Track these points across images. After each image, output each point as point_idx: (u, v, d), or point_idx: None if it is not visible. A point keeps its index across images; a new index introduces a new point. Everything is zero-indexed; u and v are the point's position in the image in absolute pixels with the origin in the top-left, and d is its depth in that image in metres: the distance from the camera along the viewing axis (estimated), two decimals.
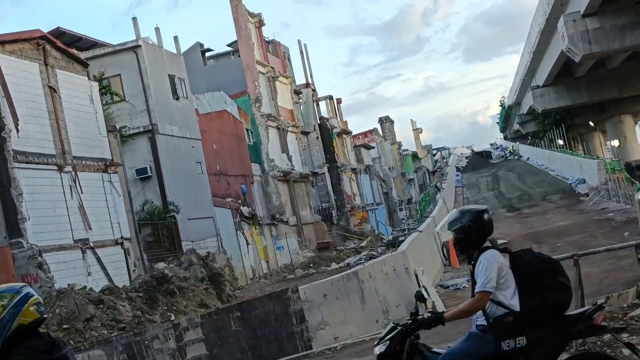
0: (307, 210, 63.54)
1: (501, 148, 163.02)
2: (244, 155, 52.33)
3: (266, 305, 18.71)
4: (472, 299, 7.12)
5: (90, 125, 32.97)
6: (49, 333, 4.89)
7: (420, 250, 27.95)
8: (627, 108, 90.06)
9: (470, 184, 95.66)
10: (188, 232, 40.21)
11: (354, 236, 67.78)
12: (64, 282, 26.10)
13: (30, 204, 27.39)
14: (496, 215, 60.10)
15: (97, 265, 30.78)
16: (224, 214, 45.63)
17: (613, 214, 43.45)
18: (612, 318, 11.64)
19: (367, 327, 20.01)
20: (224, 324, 18.09)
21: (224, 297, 31.52)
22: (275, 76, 62.11)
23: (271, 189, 55.60)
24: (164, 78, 42.69)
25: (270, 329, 18.52)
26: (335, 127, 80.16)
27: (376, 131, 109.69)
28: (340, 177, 75.43)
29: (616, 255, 25.80)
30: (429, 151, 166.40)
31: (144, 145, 40.64)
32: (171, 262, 33.84)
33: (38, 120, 29.28)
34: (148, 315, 24.98)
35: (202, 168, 44.51)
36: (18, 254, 25.78)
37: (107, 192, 33.00)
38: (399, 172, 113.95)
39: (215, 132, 48.09)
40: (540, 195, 65.54)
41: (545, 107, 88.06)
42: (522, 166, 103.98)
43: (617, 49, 60.43)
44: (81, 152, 31.68)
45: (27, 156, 28.14)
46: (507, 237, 43.56)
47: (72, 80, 32.22)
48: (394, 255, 23.53)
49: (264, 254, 50.64)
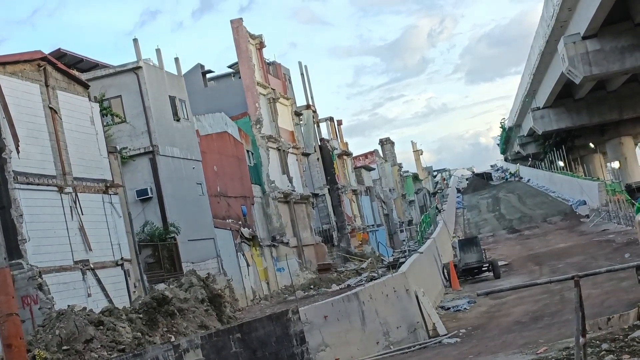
0: (307, 231, 63.47)
1: (501, 170, 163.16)
2: (245, 177, 52.35)
3: (266, 327, 18.63)
4: None
5: (91, 146, 33.00)
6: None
7: (421, 272, 27.91)
8: (627, 130, 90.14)
9: (471, 205, 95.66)
10: (188, 253, 40.16)
11: (354, 257, 67.68)
12: (63, 303, 26.02)
13: (30, 225, 27.37)
14: (496, 237, 60.10)
15: (97, 287, 30.73)
16: (224, 235, 45.59)
17: (614, 235, 43.44)
18: (613, 339, 11.61)
19: (367, 349, 19.97)
20: (224, 345, 18.02)
21: (224, 318, 31.42)
22: (276, 97, 62.24)
23: (272, 210, 55.58)
24: (165, 99, 42.78)
25: (271, 350, 18.44)
26: (336, 148, 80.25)
27: (377, 152, 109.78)
28: (341, 198, 75.41)
29: (617, 277, 25.78)
30: (429, 173, 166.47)
31: (145, 166, 40.66)
32: (171, 283, 33.78)
33: (39, 141, 29.31)
34: (148, 337, 24.89)
35: (203, 189, 44.52)
36: (18, 275, 25.73)
37: (107, 213, 32.98)
38: (399, 194, 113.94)
39: (216, 154, 48.13)
40: (541, 217, 65.53)
41: (545, 129, 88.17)
42: (522, 188, 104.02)
43: (617, 70, 60.55)
44: (82, 173, 31.69)
45: (28, 177, 28.15)
46: (507, 258, 43.55)
47: (72, 101, 32.29)
48: (394, 277, 23.49)
49: (264, 275, 50.55)
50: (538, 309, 24.52)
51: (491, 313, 26.04)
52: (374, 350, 20.02)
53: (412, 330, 21.33)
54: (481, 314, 26.30)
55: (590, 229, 50.84)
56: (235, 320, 29.76)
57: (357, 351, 19.68)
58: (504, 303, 27.44)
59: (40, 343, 21.99)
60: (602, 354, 11.03)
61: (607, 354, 10.89)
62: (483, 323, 24.05)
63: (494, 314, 25.75)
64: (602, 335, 12.26)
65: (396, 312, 21.41)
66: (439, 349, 19.35)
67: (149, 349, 17.95)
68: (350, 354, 19.48)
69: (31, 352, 18.80)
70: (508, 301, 27.51)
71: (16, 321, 12.39)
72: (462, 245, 38.90)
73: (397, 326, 21.06)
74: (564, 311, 22.15)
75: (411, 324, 21.47)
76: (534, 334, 17.40)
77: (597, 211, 56.75)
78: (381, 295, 21.41)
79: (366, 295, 20.92)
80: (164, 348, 17.38)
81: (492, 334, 20.91)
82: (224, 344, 18.10)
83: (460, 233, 61.68)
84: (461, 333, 21.95)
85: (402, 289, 22.21)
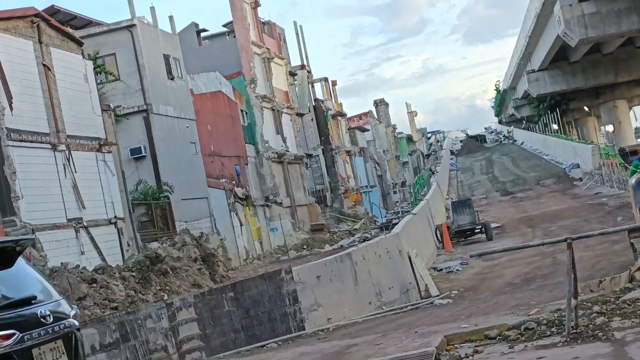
0: (301, 192, 63.53)
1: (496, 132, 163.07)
2: (239, 136, 52.25)
3: (259, 286, 18.71)
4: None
5: (85, 104, 32.86)
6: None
7: (414, 233, 27.97)
8: (622, 93, 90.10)
9: (465, 167, 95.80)
10: (182, 212, 40.18)
11: (347, 218, 67.83)
12: (57, 260, 26.06)
13: (23, 182, 27.32)
14: (490, 199, 60.23)
15: (90, 245, 30.76)
16: (217, 194, 45.59)
17: (606, 198, 43.57)
18: (605, 302, 11.66)
19: (360, 309, 20.04)
20: (217, 304, 18.10)
21: (217, 277, 31.52)
22: (271, 57, 61.95)
23: (265, 170, 55.57)
24: (159, 58, 42.53)
25: (264, 309, 18.53)
26: (330, 109, 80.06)
27: (371, 114, 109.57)
28: (335, 159, 75.38)
29: (609, 240, 25.88)
30: (423, 134, 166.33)
31: (138, 125, 40.52)
32: (164, 242, 33.83)
33: (32, 98, 29.16)
34: (141, 295, 24.98)
35: (197, 149, 44.43)
36: (11, 232, 25.71)
37: (100, 172, 32.93)
38: (393, 155, 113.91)
39: (210, 113, 47.97)
40: (534, 180, 65.67)
41: (540, 92, 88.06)
42: (516, 150, 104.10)
43: (613, 33, 60.40)
44: (75, 131, 31.57)
45: (21, 134, 28.05)
46: (500, 220, 43.67)
47: (66, 58, 32.08)
48: (387, 238, 23.54)
49: (257, 235, 50.65)
50: (530, 271, 24.62)
51: (483, 275, 26.14)
52: (366, 311, 20.10)
53: (404, 291, 21.40)
54: (473, 275, 26.40)
55: (583, 192, 50.97)
56: (228, 280, 29.85)
57: (350, 311, 19.75)
58: (496, 265, 27.55)
59: None
60: (593, 316, 11.07)
61: (598, 316, 10.94)
62: (475, 284, 24.14)
63: (486, 275, 25.86)
64: (593, 298, 12.32)
65: (389, 273, 21.46)
66: (431, 310, 19.43)
67: (142, 307, 18.02)
68: (343, 314, 19.55)
69: None
70: (500, 263, 27.62)
71: None
72: (455, 207, 38.96)
73: (390, 287, 21.13)
74: (556, 274, 22.24)
75: (403, 285, 21.54)
76: (525, 296, 17.47)
77: (591, 174, 56.88)
78: (374, 256, 21.45)
79: (359, 255, 20.96)
80: (157, 306, 17.46)
81: (484, 295, 21.00)
82: (217, 302, 18.18)
83: (453, 195, 61.73)
84: (453, 294, 22.04)
85: (395, 250, 22.26)
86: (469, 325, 12.28)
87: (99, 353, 15.67)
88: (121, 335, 16.15)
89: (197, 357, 17.07)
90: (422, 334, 12.14)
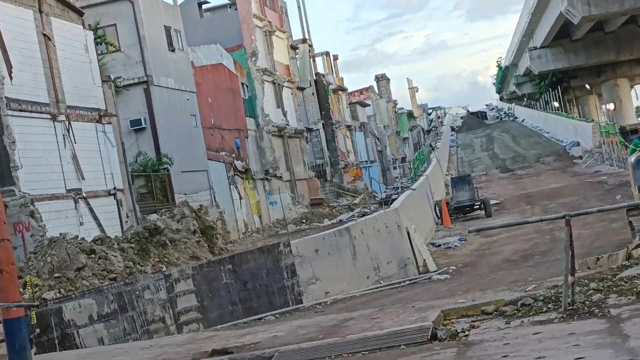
0: (300, 166, 63.51)
1: (496, 109, 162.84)
2: (239, 110, 52.14)
3: (258, 259, 18.74)
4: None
5: (85, 74, 32.75)
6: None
7: (413, 208, 27.99)
8: (624, 72, 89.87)
9: (465, 144, 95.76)
10: (181, 184, 40.17)
11: (347, 193, 67.85)
12: (55, 231, 26.07)
13: (23, 152, 27.27)
14: (489, 176, 60.23)
15: (89, 215, 30.76)
16: (217, 167, 45.57)
17: (606, 177, 43.60)
18: (601, 279, 11.67)
19: (357, 283, 20.09)
20: (215, 277, 18.14)
21: (216, 250, 31.57)
22: (272, 30, 61.72)
23: (265, 144, 55.51)
24: (160, 29, 42.35)
25: (262, 282, 18.57)
26: (331, 83, 79.86)
27: (372, 89, 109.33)
28: (335, 133, 75.29)
29: (608, 218, 25.93)
30: (424, 110, 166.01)
31: (139, 96, 40.42)
32: (163, 214, 33.83)
33: (32, 68, 29.06)
34: (139, 266, 25.02)
35: (197, 121, 44.35)
36: (10, 202, 25.72)
37: (100, 143, 32.87)
38: (393, 131, 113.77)
39: (211, 86, 47.86)
40: (534, 157, 65.67)
41: (541, 69, 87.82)
42: (516, 127, 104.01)
43: (616, 11, 60.17)
44: (75, 101, 31.48)
45: (21, 104, 27.97)
46: (500, 197, 43.70)
47: (66, 28, 31.94)
48: (386, 213, 23.56)
49: (256, 208, 50.68)
50: (528, 247, 24.67)
51: (481, 251, 26.19)
52: (364, 285, 20.14)
53: (402, 265, 21.45)
54: (471, 251, 26.45)
55: (582, 170, 50.99)
56: (226, 252, 29.89)
57: (347, 285, 19.79)
58: (495, 241, 27.60)
59: (32, 270, 22.09)
60: (589, 293, 11.09)
61: (595, 293, 10.95)
62: (473, 260, 24.19)
63: (484, 251, 25.91)
64: (590, 275, 12.33)
65: (387, 248, 21.50)
66: (429, 285, 19.47)
67: (140, 278, 18.06)
68: (341, 288, 19.59)
69: (22, 278, 18.87)
70: (499, 240, 27.66)
71: (8, 247, 12.36)
72: (454, 183, 38.98)
73: (388, 261, 21.17)
74: (554, 250, 22.29)
75: (402, 260, 21.58)
76: (523, 272, 17.52)
77: (591, 152, 56.87)
78: (373, 231, 21.48)
79: (358, 230, 20.98)
80: (155, 277, 17.49)
81: (481, 271, 21.04)
82: (215, 275, 18.21)
83: (453, 171, 61.76)
84: (451, 270, 22.08)
85: (393, 224, 22.28)
86: (466, 300, 12.30)
87: (97, 323, 15.70)
88: (119, 306, 16.19)
89: (194, 329, 17.11)
90: (419, 309, 12.16)
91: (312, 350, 10.49)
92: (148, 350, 12.66)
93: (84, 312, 15.67)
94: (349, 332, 11.14)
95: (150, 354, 12.19)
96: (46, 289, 20.72)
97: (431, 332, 10.31)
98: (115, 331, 15.96)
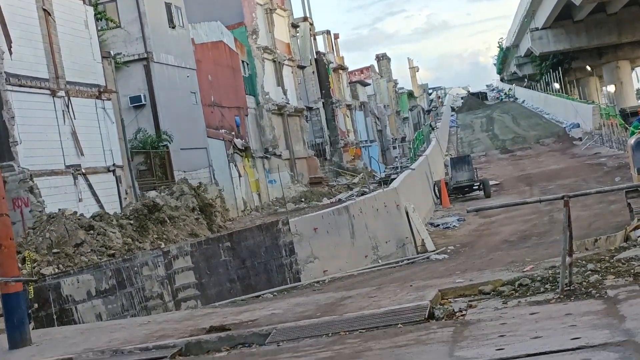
0: (300, 144, 63.47)
1: (497, 90, 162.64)
2: (239, 87, 52.03)
3: (256, 237, 18.78)
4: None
5: (85, 50, 32.64)
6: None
7: (412, 188, 28.02)
8: (625, 54, 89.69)
9: (465, 124, 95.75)
10: (180, 162, 40.14)
11: (346, 172, 67.87)
12: (54, 207, 26.06)
13: (22, 127, 27.22)
14: (489, 157, 60.25)
15: (88, 192, 30.74)
16: (217, 145, 45.53)
17: (605, 158, 43.62)
18: (599, 260, 11.70)
19: (356, 262, 20.13)
20: (214, 254, 18.18)
21: (215, 227, 31.56)
22: (273, 8, 61.50)
23: (265, 122, 55.43)
24: (160, 5, 42.17)
25: (260, 260, 18.61)
26: (332, 62, 79.69)
27: (373, 68, 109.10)
28: (335, 112, 75.19)
29: (606, 200, 25.98)
30: (425, 90, 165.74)
31: (139, 73, 40.30)
32: (163, 191, 33.80)
33: (32, 43, 28.95)
34: (138, 243, 25.01)
35: (197, 98, 44.26)
36: (9, 177, 25.70)
37: (100, 119, 32.80)
38: (393, 110, 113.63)
39: (211, 63, 47.72)
40: (534, 138, 65.70)
41: (543, 50, 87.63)
42: (517, 108, 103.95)
43: None
44: (75, 77, 31.39)
45: (20, 79, 27.89)
46: (499, 178, 43.74)
47: (66, 4, 31.78)
48: (385, 192, 23.59)
49: (255, 187, 50.68)
50: (526, 228, 24.71)
51: (480, 231, 26.24)
52: (362, 264, 20.19)
53: (400, 245, 21.50)
54: (470, 232, 26.51)
55: (582, 151, 51.02)
56: (225, 230, 29.91)
57: (346, 264, 19.83)
58: (493, 222, 27.65)
59: (30, 245, 22.11)
60: (587, 274, 11.11)
61: (592, 274, 10.98)
62: (471, 241, 24.25)
63: (483, 232, 25.96)
64: (588, 256, 12.35)
65: (386, 227, 21.54)
66: (427, 265, 19.52)
67: (138, 254, 18.09)
68: (339, 266, 19.63)
69: (21, 254, 18.89)
70: (497, 220, 27.71)
71: (6, 222, 12.38)
72: (454, 164, 39.00)
73: (386, 241, 21.22)
74: (552, 232, 22.33)
75: (400, 239, 21.63)
76: (521, 253, 17.55)
77: (590, 134, 56.85)
78: (371, 210, 21.51)
79: (356, 209, 21.01)
80: (153, 254, 17.52)
81: (479, 251, 21.09)
82: (214, 252, 18.25)
83: (452, 151, 61.80)
84: (449, 250, 22.13)
85: (392, 204, 22.32)
86: (463, 280, 12.34)
87: (95, 299, 15.75)
88: (117, 282, 16.23)
89: (192, 306, 17.16)
90: (417, 288, 12.19)
91: (310, 328, 10.52)
92: (146, 326, 12.70)
93: (83, 288, 15.71)
94: (346, 311, 11.17)
95: (148, 330, 12.23)
96: (45, 264, 20.75)
97: (428, 311, 10.34)
98: (114, 307, 16.01)
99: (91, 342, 11.88)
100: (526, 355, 7.44)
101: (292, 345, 9.86)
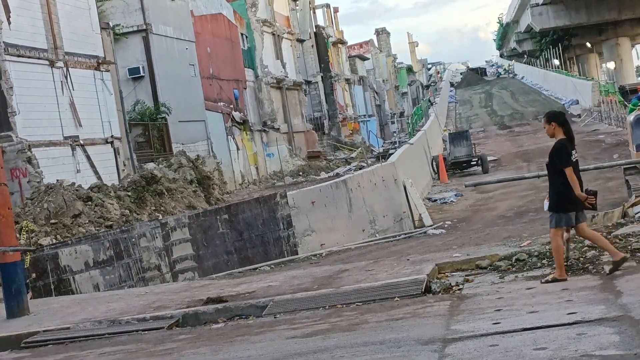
0: (298, 118, 63.38)
1: (496, 65, 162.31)
2: (238, 60, 51.88)
3: (254, 209, 18.79)
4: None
5: (83, 21, 32.48)
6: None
7: (410, 163, 28.03)
8: (625, 31, 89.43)
9: (464, 100, 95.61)
10: (179, 134, 40.10)
11: (344, 147, 67.84)
12: (52, 177, 26.03)
13: (20, 98, 27.14)
14: (487, 132, 60.24)
15: (86, 163, 30.73)
16: (215, 118, 45.47)
17: (604, 135, 43.63)
18: None
19: (353, 236, 20.18)
20: (211, 226, 18.20)
21: (212, 200, 31.57)
22: None
23: (264, 95, 55.33)
24: None
25: (257, 232, 18.64)
26: (331, 36, 79.42)
27: (372, 42, 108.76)
28: (334, 86, 75.05)
29: (604, 177, 26.00)
30: (424, 65, 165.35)
31: (137, 44, 40.16)
32: (161, 163, 33.76)
33: (30, 13, 28.81)
34: (136, 215, 25.02)
35: (195, 71, 44.15)
36: (7, 147, 25.66)
37: (98, 90, 32.72)
38: (392, 85, 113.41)
39: (210, 35, 47.56)
40: (532, 115, 65.60)
41: (543, 26, 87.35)
42: (516, 84, 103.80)
43: None
44: (73, 48, 31.27)
45: (19, 49, 27.78)
46: (497, 154, 43.75)
47: None
48: (383, 166, 23.60)
49: (253, 160, 50.68)
50: (523, 204, 24.73)
51: (477, 207, 26.28)
52: (360, 238, 20.23)
53: (398, 219, 21.54)
54: (467, 207, 26.55)
55: (581, 128, 50.95)
56: (223, 203, 29.92)
57: (343, 237, 19.88)
58: (490, 197, 27.68)
59: (28, 216, 22.11)
60: (584, 250, 11.17)
61: (589, 250, 11.03)
62: (468, 216, 24.29)
63: (480, 207, 26.00)
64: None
65: (383, 201, 21.56)
66: (424, 239, 19.55)
67: (136, 225, 18.10)
68: (336, 240, 19.68)
69: (19, 224, 18.91)
70: (494, 196, 27.74)
71: (4, 191, 12.40)
72: (452, 139, 38.98)
73: (384, 215, 21.25)
74: None
75: (397, 214, 21.66)
76: (518, 228, 17.59)
77: (589, 111, 56.81)
78: (369, 184, 21.53)
79: (354, 182, 21.03)
80: (151, 225, 17.54)
81: (476, 226, 21.12)
82: (211, 224, 18.27)
83: (451, 127, 61.75)
84: (446, 225, 22.17)
85: (390, 178, 22.33)
86: (460, 254, 12.38)
87: (93, 270, 15.79)
88: (115, 253, 16.26)
89: (189, 277, 17.21)
90: (414, 262, 12.24)
91: (306, 300, 10.57)
92: (143, 297, 12.75)
93: (80, 258, 15.75)
94: (343, 284, 11.22)
95: (145, 301, 12.28)
96: (42, 235, 20.77)
97: (425, 285, 10.38)
98: (111, 278, 16.06)
99: (88, 312, 11.93)
100: (522, 329, 7.48)
101: (288, 317, 9.91)
